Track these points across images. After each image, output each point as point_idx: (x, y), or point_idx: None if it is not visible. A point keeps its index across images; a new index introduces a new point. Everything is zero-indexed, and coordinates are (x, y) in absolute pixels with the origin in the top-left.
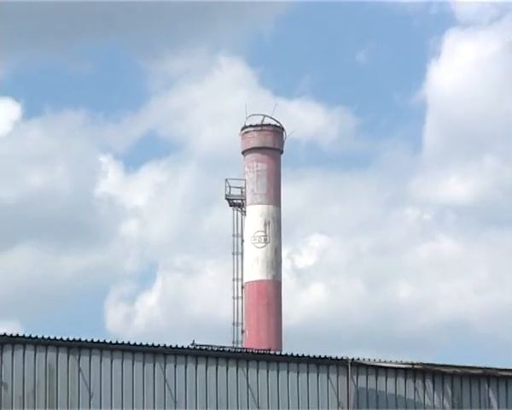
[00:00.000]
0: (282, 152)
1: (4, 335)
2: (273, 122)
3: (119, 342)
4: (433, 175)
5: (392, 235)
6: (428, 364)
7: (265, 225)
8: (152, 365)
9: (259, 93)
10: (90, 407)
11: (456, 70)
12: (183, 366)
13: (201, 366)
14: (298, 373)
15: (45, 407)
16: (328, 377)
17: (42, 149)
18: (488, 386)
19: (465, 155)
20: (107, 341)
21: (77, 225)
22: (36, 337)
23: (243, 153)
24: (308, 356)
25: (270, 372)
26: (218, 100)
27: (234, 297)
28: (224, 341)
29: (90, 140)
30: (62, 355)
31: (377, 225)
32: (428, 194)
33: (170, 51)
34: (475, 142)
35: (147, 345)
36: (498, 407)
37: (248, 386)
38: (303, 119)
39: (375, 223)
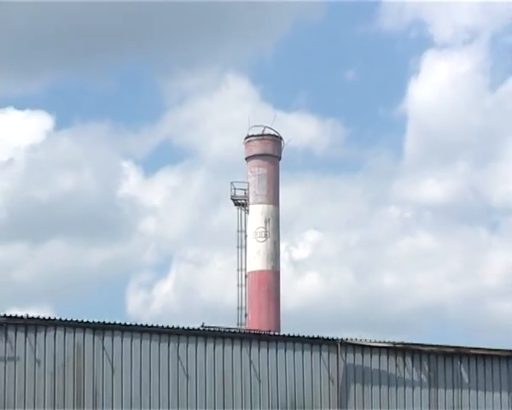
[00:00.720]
0: (280, 158)
1: (38, 317)
2: (272, 132)
3: (138, 324)
4: (413, 178)
5: (376, 230)
6: (408, 343)
7: (266, 222)
8: (167, 344)
9: (261, 107)
10: (112, 380)
11: (433, 86)
12: (194, 345)
13: (210, 345)
14: (294, 351)
15: (73, 381)
16: (320, 355)
17: (71, 156)
18: (460, 362)
19: (440, 160)
20: (128, 323)
21: (102, 222)
22: (66, 320)
23: (246, 159)
24: (303, 336)
25: (269, 350)
26: (225, 113)
27: (238, 285)
28: (230, 323)
29: (113, 148)
30: (88, 336)
31: (364, 222)
32: (408, 195)
33: (183, 70)
34: (449, 149)
35: (162, 327)
36: (469, 381)
37: (251, 362)
38: (299, 129)
39: (361, 220)
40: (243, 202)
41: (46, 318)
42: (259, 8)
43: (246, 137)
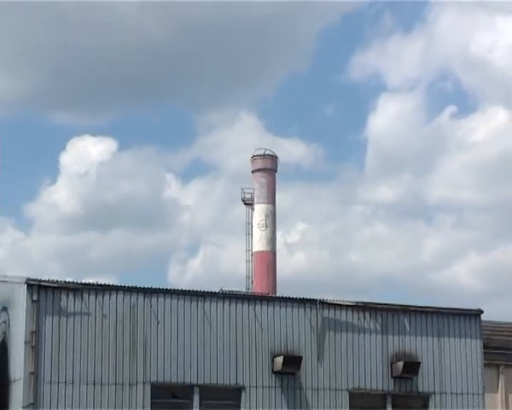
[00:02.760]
0: (276, 171)
1: (104, 284)
2: (271, 153)
3: (176, 288)
4: (371, 185)
5: (346, 222)
6: (367, 302)
7: (266, 216)
8: (196, 303)
9: (264, 135)
10: (157, 331)
11: (386, 119)
12: (215, 303)
13: (226, 303)
14: (286, 308)
15: (129, 332)
16: (304, 311)
17: (129, 170)
18: (404, 317)
19: (391, 172)
20: (169, 288)
21: (151, 216)
22: (124, 286)
23: (252, 172)
24: (293, 297)
25: (269, 308)
26: (238, 139)
27: (246, 261)
28: (241, 287)
29: (159, 164)
30: (140, 297)
31: (337, 216)
32: (368, 197)
33: (210, 108)
34: (397, 164)
35: (193, 290)
36: (410, 329)
37: (255, 316)
38: (291, 150)
39: (335, 215)
40: (250, 202)
41: (110, 284)
42: (264, 62)
43: (252, 156)
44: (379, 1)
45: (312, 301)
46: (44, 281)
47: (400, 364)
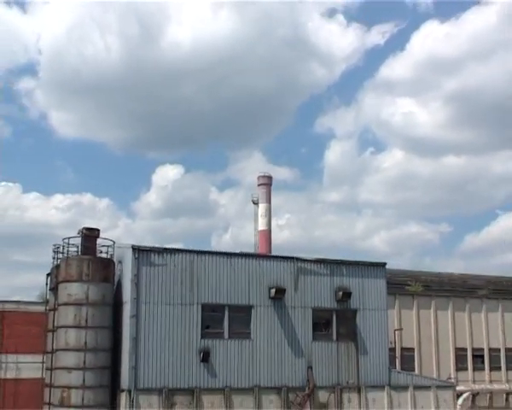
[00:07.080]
0: (271, 185)
1: (175, 248)
2: (268, 174)
3: (216, 251)
4: (326, 192)
5: (312, 214)
6: (323, 258)
7: (266, 210)
8: (227, 259)
9: (266, 164)
10: (204, 276)
11: (335, 154)
12: (238, 260)
13: (244, 259)
14: (277, 262)
15: (189, 274)
16: (287, 263)
17: (190, 184)
18: (343, 267)
19: (337, 185)
20: (211, 250)
21: (202, 210)
22: (186, 249)
23: (258, 185)
24: (281, 256)
25: (267, 261)
26: (251, 166)
27: (255, 235)
28: (252, 250)
29: (207, 181)
30: (196, 256)
31: (307, 210)
32: (325, 199)
33: (237, 149)
34: (341, 180)
35: (225, 252)
36: (346, 273)
37: (260, 266)
38: (280, 172)
39: (306, 209)
40: (256, 202)
41: (178, 248)
42: (267, 123)
43: (258, 176)
44: (332, 88)
45: (292, 258)
46: (142, 247)
47: (340, 293)
